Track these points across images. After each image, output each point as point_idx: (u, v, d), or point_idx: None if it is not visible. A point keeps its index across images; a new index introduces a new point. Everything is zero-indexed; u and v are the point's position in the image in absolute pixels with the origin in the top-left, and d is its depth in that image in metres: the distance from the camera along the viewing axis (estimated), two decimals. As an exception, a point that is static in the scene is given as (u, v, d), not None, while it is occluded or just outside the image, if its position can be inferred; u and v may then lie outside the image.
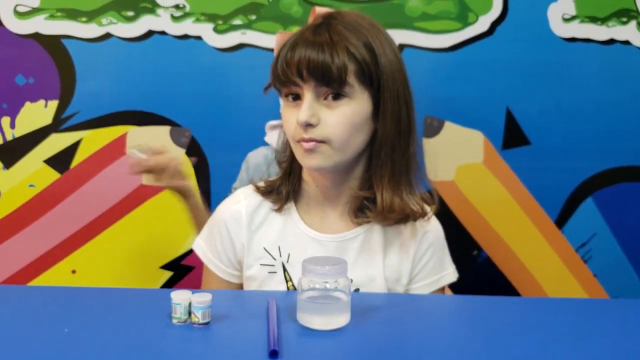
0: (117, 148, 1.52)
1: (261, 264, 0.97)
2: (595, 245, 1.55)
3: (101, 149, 1.53)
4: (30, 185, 1.54)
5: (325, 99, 0.89)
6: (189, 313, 0.79)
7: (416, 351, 0.74)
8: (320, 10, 0.99)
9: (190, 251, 1.56)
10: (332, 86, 0.88)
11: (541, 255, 1.55)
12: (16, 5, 1.47)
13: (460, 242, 1.54)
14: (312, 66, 0.87)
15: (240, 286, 1.02)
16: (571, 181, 1.54)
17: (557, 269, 1.55)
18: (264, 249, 0.97)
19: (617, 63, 1.49)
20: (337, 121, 0.89)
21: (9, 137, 1.52)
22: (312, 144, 0.89)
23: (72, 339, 0.73)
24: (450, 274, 1.03)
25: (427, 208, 0.99)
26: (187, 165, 1.52)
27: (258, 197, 1.01)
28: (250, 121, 1.49)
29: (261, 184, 1.01)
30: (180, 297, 0.79)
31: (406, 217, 0.96)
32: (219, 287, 1.00)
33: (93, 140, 1.52)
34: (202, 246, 1.03)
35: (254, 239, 0.98)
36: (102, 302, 0.86)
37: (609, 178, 1.53)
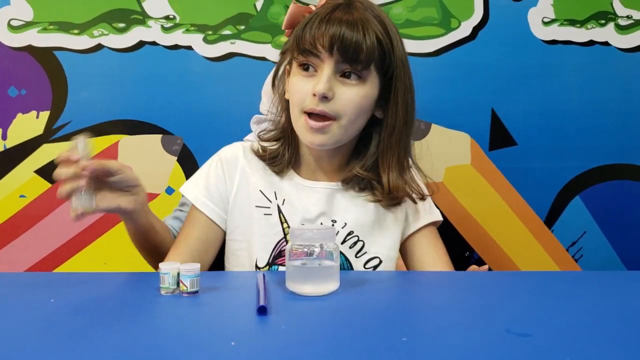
0: (108, 157, 1.52)
1: (256, 206, 0.98)
2: (585, 243, 1.56)
3: (92, 158, 1.54)
4: (21, 196, 1.54)
5: (342, 76, 0.93)
6: (177, 283, 0.79)
7: (404, 313, 0.74)
8: None
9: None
10: (356, 66, 0.92)
11: (532, 255, 1.56)
12: (10, 20, 1.51)
13: (452, 243, 1.54)
14: (345, 43, 0.90)
15: (222, 236, 1.00)
16: (558, 180, 1.55)
17: (549, 268, 1.55)
18: (260, 191, 0.99)
19: (598, 63, 1.53)
20: (350, 99, 0.93)
21: (0, 148, 1.53)
22: (321, 124, 0.93)
23: (59, 310, 0.73)
24: (437, 215, 1.06)
25: (425, 191, 1.02)
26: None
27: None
28: (240, 127, 1.51)
29: (259, 149, 1.02)
30: (168, 267, 0.79)
31: (405, 197, 1.00)
32: (203, 229, 0.99)
33: (84, 150, 1.53)
34: (192, 188, 1.02)
35: (250, 182, 1.00)
36: (90, 281, 0.86)
37: (594, 176, 1.55)
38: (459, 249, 1.55)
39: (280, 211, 0.98)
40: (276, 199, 0.99)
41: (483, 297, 0.79)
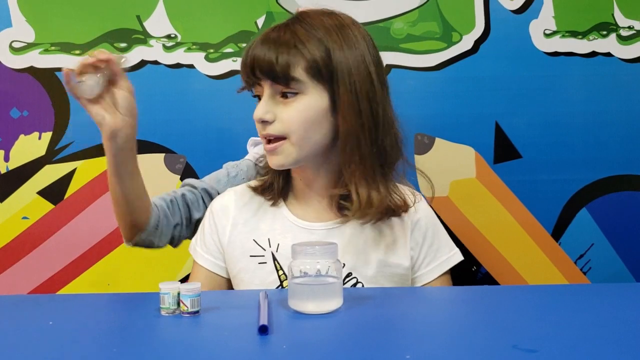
0: (111, 177, 1.53)
1: (251, 255, 0.97)
2: (593, 255, 1.54)
3: (95, 178, 1.53)
4: (24, 218, 1.53)
5: (282, 96, 0.93)
6: (178, 303, 0.77)
7: (408, 330, 0.72)
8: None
9: (186, 278, 1.55)
10: (279, 83, 0.91)
11: (540, 268, 1.53)
12: (12, 42, 1.51)
13: (458, 258, 1.52)
14: (259, 65, 0.91)
15: (228, 282, 1.01)
16: (564, 193, 1.53)
17: (557, 281, 1.52)
18: (254, 240, 0.98)
19: (600, 74, 1.52)
20: (291, 116, 0.92)
21: (2, 170, 1.53)
22: (273, 145, 0.93)
23: (57, 333, 0.71)
24: (456, 254, 1.03)
25: (411, 199, 0.99)
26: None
27: (248, 194, 1.03)
28: (243, 145, 1.50)
29: (254, 183, 1.03)
30: (168, 286, 0.78)
31: (388, 211, 0.95)
32: (206, 280, 1.01)
33: (87, 170, 1.53)
34: (194, 246, 1.05)
35: (243, 232, 0.99)
36: (89, 302, 0.85)
37: (601, 188, 1.53)
38: (466, 263, 1.53)
39: (274, 258, 0.97)
40: (270, 246, 0.97)
41: (489, 312, 0.78)
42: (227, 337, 0.69)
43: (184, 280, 1.53)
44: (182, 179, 1.54)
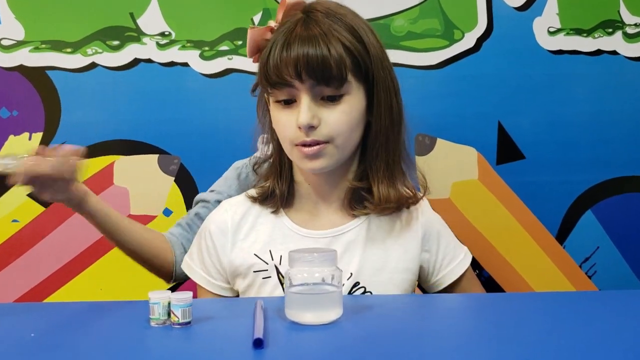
0: (104, 178, 1.49)
1: (254, 271, 0.93)
2: (599, 259, 1.50)
3: (87, 179, 1.49)
4: (14, 221, 1.49)
5: (322, 98, 0.87)
6: (168, 314, 0.73)
7: (411, 340, 0.68)
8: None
9: (180, 284, 1.51)
10: (332, 83, 0.85)
11: (544, 272, 1.50)
12: (1, 39, 1.47)
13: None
14: (311, 64, 0.84)
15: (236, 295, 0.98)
16: (569, 194, 1.50)
17: (561, 285, 1.49)
18: (255, 255, 0.94)
19: (606, 73, 1.48)
20: (338, 119, 0.88)
21: (-8, 172, 1.48)
22: (315, 148, 0.87)
23: (38, 346, 0.67)
24: (468, 251, 1.02)
25: (419, 194, 0.98)
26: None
27: (244, 205, 0.98)
28: (239, 145, 1.46)
29: (253, 192, 0.98)
30: (158, 296, 0.74)
31: (400, 206, 0.95)
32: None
33: (79, 172, 1.49)
34: (189, 264, 1.00)
35: (243, 248, 0.95)
36: (75, 312, 0.81)
37: (606, 190, 1.50)
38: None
39: (278, 272, 0.93)
40: (272, 259, 0.93)
41: (495, 321, 0.74)
42: (220, 350, 0.66)
43: (178, 286, 1.50)
44: (176, 181, 1.50)
